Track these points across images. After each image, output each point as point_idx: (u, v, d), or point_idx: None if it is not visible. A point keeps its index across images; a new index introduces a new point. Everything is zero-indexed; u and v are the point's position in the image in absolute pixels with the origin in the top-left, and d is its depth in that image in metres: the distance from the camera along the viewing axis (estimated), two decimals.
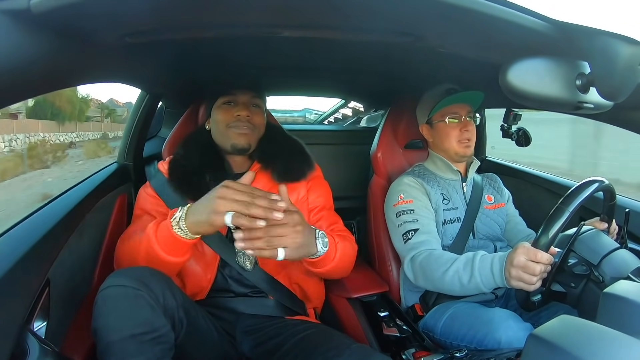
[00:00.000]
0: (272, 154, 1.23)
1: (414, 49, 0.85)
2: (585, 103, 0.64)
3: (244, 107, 1.19)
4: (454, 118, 1.37)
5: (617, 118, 1.00)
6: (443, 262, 1.17)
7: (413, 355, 1.11)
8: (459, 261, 1.13)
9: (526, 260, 0.95)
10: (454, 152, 1.38)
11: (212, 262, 1.14)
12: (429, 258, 1.21)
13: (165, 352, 0.82)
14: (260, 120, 1.23)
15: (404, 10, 0.59)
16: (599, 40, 0.56)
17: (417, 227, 1.30)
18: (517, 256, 0.97)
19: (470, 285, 1.09)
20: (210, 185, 1.08)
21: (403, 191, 1.38)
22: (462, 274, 1.11)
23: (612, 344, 0.55)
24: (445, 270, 1.14)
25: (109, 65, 0.88)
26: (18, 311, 0.76)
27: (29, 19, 0.50)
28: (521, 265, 0.96)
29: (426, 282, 1.23)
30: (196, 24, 0.68)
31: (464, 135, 1.36)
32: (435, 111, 1.38)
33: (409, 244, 1.29)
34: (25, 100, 0.62)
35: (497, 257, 1.06)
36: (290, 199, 1.19)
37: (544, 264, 0.93)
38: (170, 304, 0.86)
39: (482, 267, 1.07)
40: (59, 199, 1.11)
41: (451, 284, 1.14)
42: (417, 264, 1.24)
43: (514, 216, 1.50)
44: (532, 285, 0.95)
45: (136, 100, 1.52)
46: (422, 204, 1.35)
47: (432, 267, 1.19)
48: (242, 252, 1.14)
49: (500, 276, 1.03)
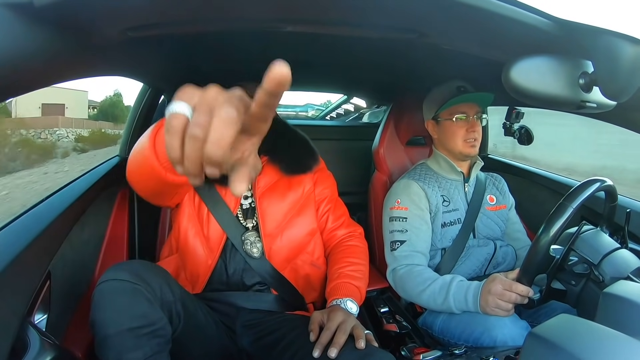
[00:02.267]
0: (279, 148, 1.24)
1: (417, 45, 0.84)
2: (588, 102, 0.63)
3: None
4: (462, 117, 1.35)
5: (620, 118, 0.99)
6: (421, 282, 1.23)
7: (412, 351, 1.11)
8: (436, 284, 1.20)
9: (502, 289, 1.05)
10: (459, 152, 1.37)
11: (215, 248, 1.15)
12: (409, 274, 1.27)
13: (162, 346, 0.82)
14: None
15: (407, 7, 0.59)
16: (602, 39, 0.56)
17: (405, 239, 1.32)
18: (495, 285, 1.07)
19: (443, 306, 1.18)
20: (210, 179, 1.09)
21: (401, 195, 1.39)
22: (437, 296, 1.19)
23: (611, 344, 0.55)
24: (422, 290, 1.22)
25: (112, 59, 0.88)
26: (19, 304, 0.77)
27: (32, 12, 0.50)
28: (498, 294, 1.06)
29: (404, 294, 1.30)
30: (199, 18, 0.68)
31: (470, 136, 1.35)
32: (444, 109, 1.37)
33: (393, 255, 1.34)
34: (28, 93, 0.62)
35: (473, 284, 1.14)
36: (297, 193, 1.24)
37: (519, 294, 1.03)
38: (168, 298, 0.86)
39: (456, 293, 1.15)
40: (60, 192, 1.11)
41: (427, 303, 1.23)
42: (397, 277, 1.31)
43: (515, 223, 1.49)
44: (508, 312, 1.06)
45: (138, 94, 1.52)
46: (417, 214, 1.35)
47: (411, 284, 1.26)
48: (249, 240, 1.17)
49: (474, 303, 1.11)
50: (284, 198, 1.22)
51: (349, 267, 1.23)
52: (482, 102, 1.37)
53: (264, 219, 1.18)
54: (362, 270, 1.25)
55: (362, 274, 1.24)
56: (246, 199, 1.22)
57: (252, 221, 1.20)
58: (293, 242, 1.21)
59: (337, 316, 1.00)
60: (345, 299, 1.11)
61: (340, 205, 1.39)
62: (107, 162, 1.45)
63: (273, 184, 1.22)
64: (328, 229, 1.34)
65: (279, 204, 1.21)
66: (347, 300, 1.11)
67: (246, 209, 1.21)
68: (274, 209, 1.20)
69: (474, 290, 1.12)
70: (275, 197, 1.21)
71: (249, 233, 1.18)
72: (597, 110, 0.66)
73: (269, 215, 1.19)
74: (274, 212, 1.20)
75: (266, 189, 1.21)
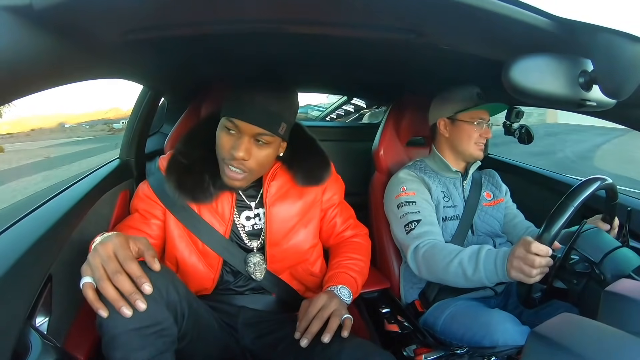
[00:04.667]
0: (298, 158, 1.19)
1: (416, 45, 0.84)
2: (588, 101, 0.63)
3: (246, 144, 1.02)
4: (480, 123, 1.39)
5: (620, 116, 1.00)
6: (447, 253, 1.17)
7: (414, 351, 1.11)
8: (464, 253, 1.14)
9: (525, 252, 0.96)
10: (469, 153, 1.41)
11: (215, 263, 1.13)
12: (433, 249, 1.22)
13: (168, 346, 0.82)
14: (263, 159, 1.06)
15: (406, 7, 0.59)
16: (602, 37, 0.56)
17: (420, 218, 1.31)
18: (518, 248, 0.99)
19: (474, 277, 1.10)
20: (210, 187, 1.09)
21: (405, 183, 1.40)
22: (467, 266, 1.11)
23: (613, 343, 0.55)
24: (450, 261, 1.15)
25: (111, 61, 0.88)
26: (20, 307, 0.77)
27: (31, 15, 0.50)
28: (521, 257, 0.97)
29: (429, 273, 1.23)
30: (199, 20, 0.68)
31: (482, 140, 1.40)
32: (466, 111, 1.39)
33: (412, 235, 1.30)
34: (27, 96, 0.62)
35: (501, 251, 1.07)
36: (307, 201, 1.21)
37: (541, 256, 0.94)
38: (173, 298, 0.86)
39: (487, 261, 1.08)
40: (61, 195, 1.11)
41: (455, 276, 1.14)
42: (420, 255, 1.24)
43: (512, 209, 1.52)
44: (530, 277, 0.96)
45: (138, 96, 1.52)
46: (424, 197, 1.36)
47: (436, 258, 1.19)
48: (252, 262, 1.14)
49: (502, 269, 1.04)
50: (293, 206, 1.18)
51: (348, 260, 1.23)
52: (495, 110, 1.42)
53: (272, 227, 1.15)
54: (361, 265, 1.25)
55: (360, 269, 1.23)
56: (249, 220, 1.17)
57: (257, 241, 1.17)
58: (296, 252, 1.19)
59: (318, 301, 1.00)
60: (339, 286, 1.11)
61: (347, 208, 1.37)
62: (107, 164, 1.44)
63: (285, 191, 1.18)
64: (336, 232, 1.32)
65: (288, 212, 1.17)
66: (341, 287, 1.11)
67: (250, 230, 1.17)
68: (283, 217, 1.16)
69: (502, 256, 1.06)
70: (286, 204, 1.17)
71: (252, 255, 1.15)
72: (597, 109, 0.67)
73: (277, 223, 1.15)
74: (283, 220, 1.16)
75: (278, 195, 1.16)
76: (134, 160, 1.51)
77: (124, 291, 0.75)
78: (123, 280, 0.75)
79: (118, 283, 0.75)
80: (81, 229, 1.10)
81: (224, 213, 1.13)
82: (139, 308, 0.75)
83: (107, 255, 0.77)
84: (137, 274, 0.76)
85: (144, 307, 0.75)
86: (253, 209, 1.18)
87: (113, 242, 0.79)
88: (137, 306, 0.75)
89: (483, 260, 1.09)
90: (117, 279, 0.75)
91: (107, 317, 0.75)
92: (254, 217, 1.18)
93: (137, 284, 0.76)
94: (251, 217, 1.18)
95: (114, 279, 0.75)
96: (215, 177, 1.10)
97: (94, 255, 0.78)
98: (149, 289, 0.76)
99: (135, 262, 0.77)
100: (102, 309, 0.75)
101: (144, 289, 0.76)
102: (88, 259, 0.79)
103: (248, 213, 1.17)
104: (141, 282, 0.76)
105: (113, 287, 0.75)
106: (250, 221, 1.18)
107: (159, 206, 1.14)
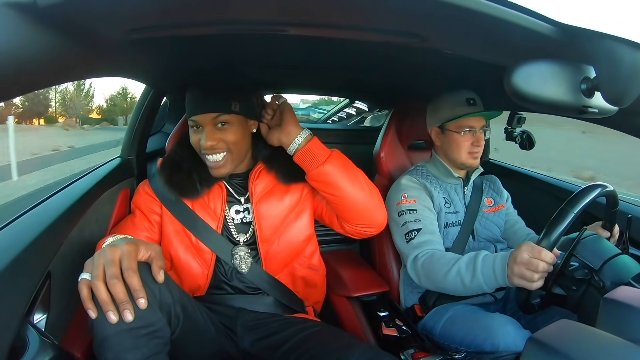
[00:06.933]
0: (277, 159, 1.20)
1: (419, 49, 0.85)
2: (590, 107, 0.63)
3: (209, 133, 1.09)
4: (469, 131, 1.36)
5: (621, 123, 0.99)
6: (445, 262, 1.17)
7: (412, 355, 1.11)
8: (461, 261, 1.14)
9: (529, 257, 0.95)
10: (461, 162, 1.39)
11: (209, 259, 1.15)
12: (432, 258, 1.22)
13: (161, 347, 0.82)
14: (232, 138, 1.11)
15: (409, 11, 0.59)
16: (604, 44, 0.55)
17: (420, 227, 1.30)
18: (521, 253, 0.97)
19: (472, 284, 1.09)
20: (198, 185, 1.15)
21: (406, 190, 1.39)
22: (465, 274, 1.11)
23: (611, 350, 0.55)
24: (448, 270, 1.14)
25: (115, 60, 0.88)
26: (19, 303, 0.77)
27: (35, 12, 0.50)
28: (524, 262, 0.96)
29: (429, 282, 1.23)
30: (203, 20, 0.68)
31: (475, 149, 1.37)
32: (452, 121, 1.37)
33: (412, 244, 1.29)
34: (30, 92, 0.62)
35: (499, 256, 1.06)
36: (294, 196, 1.22)
37: (546, 262, 0.93)
38: (167, 300, 0.86)
39: (484, 267, 1.07)
40: (61, 192, 1.11)
41: (454, 284, 1.14)
42: (419, 265, 1.24)
43: (513, 215, 1.51)
44: (533, 283, 0.95)
45: (141, 95, 1.52)
46: (425, 205, 1.35)
47: (435, 267, 1.19)
48: (238, 255, 1.16)
49: (502, 275, 1.03)
50: (281, 202, 1.20)
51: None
52: (489, 115, 1.38)
53: (261, 223, 1.17)
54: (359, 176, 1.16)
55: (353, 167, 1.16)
56: (238, 214, 1.20)
57: (244, 235, 1.19)
58: (290, 246, 1.20)
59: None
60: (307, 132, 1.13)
61: None
62: (108, 162, 1.45)
63: (270, 189, 1.20)
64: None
65: (276, 208, 1.20)
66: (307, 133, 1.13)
67: (238, 223, 1.20)
68: (271, 213, 1.19)
69: (500, 261, 1.04)
70: (272, 201, 1.19)
71: (239, 248, 1.17)
72: (598, 116, 0.66)
73: (266, 220, 1.18)
74: (272, 217, 1.19)
75: (263, 193, 1.19)
76: (135, 159, 1.51)
77: (117, 298, 0.75)
78: (118, 287, 0.75)
79: (112, 288, 0.75)
80: (81, 226, 1.10)
81: (215, 209, 1.18)
82: (125, 317, 0.74)
83: (112, 259, 0.77)
84: (136, 287, 0.76)
85: (130, 319, 0.75)
86: (242, 203, 1.21)
87: (122, 248, 0.79)
88: (124, 315, 0.74)
89: (480, 266, 1.08)
90: (112, 283, 0.75)
91: (97, 318, 0.75)
92: (243, 211, 1.21)
93: (134, 296, 0.76)
94: (240, 210, 1.21)
95: (109, 283, 0.75)
96: (202, 174, 1.16)
97: (100, 254, 0.79)
98: (144, 304, 0.76)
99: (137, 275, 0.77)
100: (92, 310, 0.75)
101: (139, 303, 0.76)
102: (94, 256, 0.79)
103: (237, 207, 1.21)
104: (138, 296, 0.76)
105: (106, 290, 0.75)
106: (239, 215, 1.21)
107: (157, 203, 1.19)
